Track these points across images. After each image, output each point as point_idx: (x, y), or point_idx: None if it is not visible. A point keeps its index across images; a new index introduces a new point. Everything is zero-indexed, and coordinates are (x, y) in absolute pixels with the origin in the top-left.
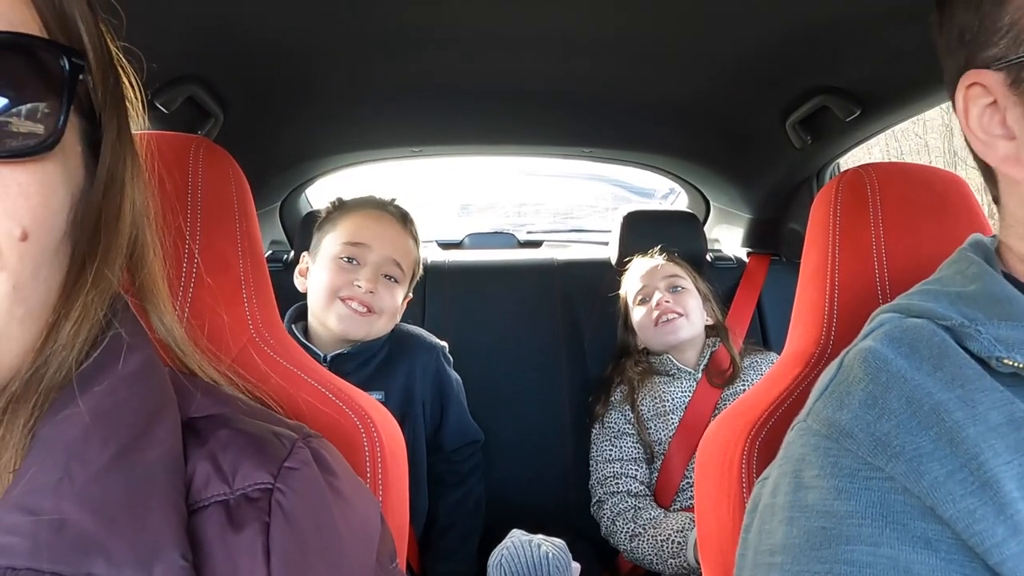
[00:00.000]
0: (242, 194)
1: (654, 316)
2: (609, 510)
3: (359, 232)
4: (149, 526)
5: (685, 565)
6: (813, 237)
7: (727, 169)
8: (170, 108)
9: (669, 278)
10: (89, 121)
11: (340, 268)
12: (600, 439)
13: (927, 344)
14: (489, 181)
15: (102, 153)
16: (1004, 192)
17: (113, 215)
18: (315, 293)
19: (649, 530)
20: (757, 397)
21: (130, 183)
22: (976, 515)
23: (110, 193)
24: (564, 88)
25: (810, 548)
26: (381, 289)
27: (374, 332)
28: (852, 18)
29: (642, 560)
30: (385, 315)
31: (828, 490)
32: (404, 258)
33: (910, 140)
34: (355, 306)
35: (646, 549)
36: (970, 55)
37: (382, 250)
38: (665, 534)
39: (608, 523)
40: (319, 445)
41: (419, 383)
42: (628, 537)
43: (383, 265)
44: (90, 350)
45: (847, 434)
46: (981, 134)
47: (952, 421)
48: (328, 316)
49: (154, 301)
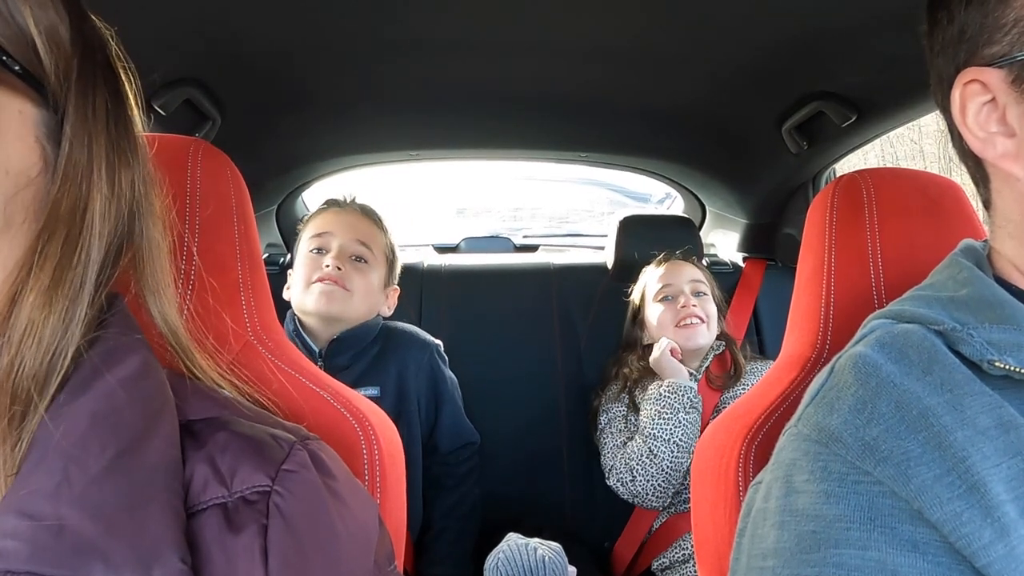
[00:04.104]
0: (240, 196)
1: (678, 316)
2: (622, 461)
3: (322, 224)
4: (148, 529)
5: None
6: (809, 242)
7: (723, 174)
8: (168, 110)
9: (694, 282)
10: (54, 112)
11: (310, 259)
12: (611, 422)
13: (917, 349)
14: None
15: (62, 145)
16: (997, 192)
17: (74, 209)
18: (295, 289)
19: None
20: (753, 401)
21: (103, 177)
22: (963, 518)
23: (70, 186)
24: (561, 93)
25: (800, 552)
26: (350, 269)
27: (351, 310)
28: (848, 24)
29: (676, 460)
30: (358, 294)
31: (818, 494)
32: (369, 239)
33: (905, 145)
34: (326, 283)
35: (669, 430)
36: (970, 52)
37: (344, 234)
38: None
39: (626, 473)
40: (317, 448)
41: (412, 380)
42: (648, 455)
43: (348, 247)
44: (85, 351)
45: (836, 439)
46: (979, 131)
47: (940, 425)
48: (305, 301)
49: (158, 300)
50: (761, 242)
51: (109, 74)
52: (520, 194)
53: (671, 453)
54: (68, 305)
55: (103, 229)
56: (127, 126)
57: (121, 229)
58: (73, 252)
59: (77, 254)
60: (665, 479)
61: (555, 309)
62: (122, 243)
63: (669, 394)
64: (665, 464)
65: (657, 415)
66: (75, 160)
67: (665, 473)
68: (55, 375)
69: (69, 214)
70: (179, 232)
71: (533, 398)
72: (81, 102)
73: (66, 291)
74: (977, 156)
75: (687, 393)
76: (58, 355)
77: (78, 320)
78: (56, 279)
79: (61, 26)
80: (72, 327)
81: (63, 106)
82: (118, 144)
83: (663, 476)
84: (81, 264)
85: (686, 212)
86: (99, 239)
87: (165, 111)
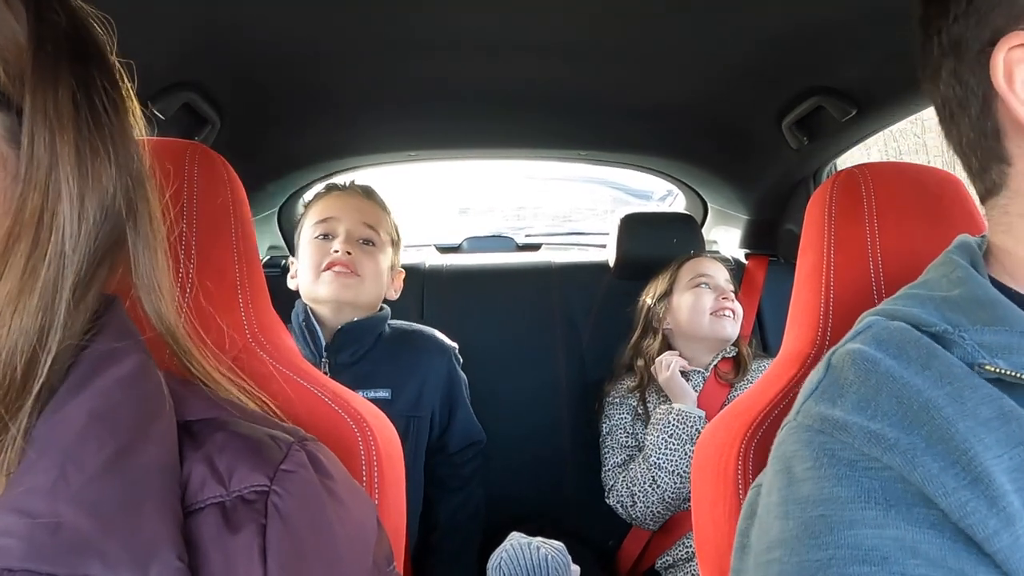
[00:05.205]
0: (238, 200)
1: (717, 305)
2: (624, 484)
3: (326, 210)
4: (145, 528)
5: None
6: (808, 238)
7: (724, 171)
8: (167, 114)
9: (728, 282)
10: (8, 111)
11: (317, 245)
12: (615, 429)
13: (914, 345)
14: (489, 184)
15: (22, 146)
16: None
17: (40, 211)
18: (302, 277)
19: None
20: (753, 399)
21: (72, 175)
22: (968, 508)
23: (35, 187)
24: (561, 92)
25: (809, 537)
26: (359, 253)
27: (364, 295)
28: (847, 19)
29: (678, 490)
30: (369, 278)
31: (825, 479)
32: (376, 222)
33: (908, 140)
34: (337, 269)
35: (674, 461)
36: (1014, 15)
37: (351, 217)
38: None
39: (627, 498)
40: (315, 448)
41: (430, 390)
42: (651, 483)
43: (355, 230)
44: (82, 352)
45: (842, 428)
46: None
47: (942, 417)
48: (317, 289)
49: (153, 298)
50: (763, 238)
51: (79, 66)
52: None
53: (674, 484)
54: (42, 309)
55: (77, 229)
56: (102, 119)
57: (107, 227)
58: (43, 256)
59: (47, 258)
60: (665, 507)
61: (557, 308)
62: (113, 242)
63: (678, 423)
64: (667, 494)
65: (664, 444)
66: (37, 161)
67: (665, 502)
68: (34, 380)
69: (34, 217)
70: (177, 235)
71: (536, 397)
72: (40, 99)
73: (36, 295)
74: (1001, 133)
75: (696, 424)
76: (35, 362)
77: (57, 325)
78: (24, 284)
79: (11, 17)
80: (51, 332)
81: (17, 104)
82: (90, 140)
83: (663, 505)
84: (52, 267)
85: (688, 209)
86: (73, 240)
87: (164, 115)
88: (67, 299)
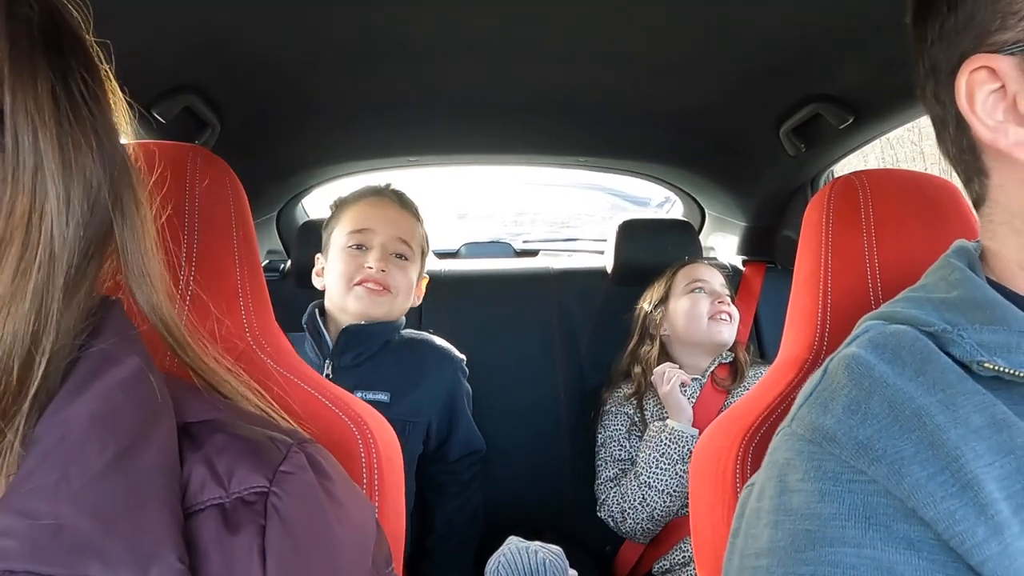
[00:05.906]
0: (239, 203)
1: (714, 309)
2: (615, 499)
3: (362, 219)
4: (146, 529)
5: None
6: (806, 244)
7: (721, 177)
8: (167, 117)
9: (724, 287)
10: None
11: (350, 256)
12: (609, 441)
13: (910, 350)
14: (487, 190)
15: (6, 148)
16: (999, 186)
17: (28, 212)
18: (332, 285)
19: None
20: (751, 403)
21: (57, 172)
22: (956, 516)
23: (22, 189)
24: (559, 98)
25: (795, 550)
26: (392, 268)
27: (394, 311)
28: (844, 27)
29: (667, 508)
30: (401, 294)
31: (812, 493)
32: (409, 236)
33: (905, 147)
34: (370, 286)
35: (664, 481)
36: (978, 39)
37: (386, 231)
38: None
39: (617, 513)
40: (314, 450)
41: (431, 399)
42: (640, 501)
43: (390, 245)
44: (81, 353)
45: (830, 438)
46: (988, 120)
47: (934, 424)
48: (347, 302)
49: (145, 290)
50: (761, 245)
51: (56, 57)
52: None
53: (663, 503)
54: (34, 311)
55: (65, 226)
56: (82, 111)
57: (94, 220)
58: (34, 258)
59: (37, 259)
60: (654, 524)
61: (555, 313)
62: (102, 235)
63: (670, 442)
64: (656, 512)
65: (655, 463)
66: (23, 162)
67: (654, 519)
68: (31, 383)
69: (24, 219)
70: (177, 239)
71: (534, 402)
72: (20, 99)
73: (28, 297)
74: (976, 149)
75: (688, 444)
76: (30, 364)
77: (50, 326)
78: (16, 287)
79: None
80: (44, 333)
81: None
82: (71, 134)
83: (652, 522)
84: (43, 268)
85: (685, 215)
86: (61, 237)
87: (164, 118)
88: (59, 298)
